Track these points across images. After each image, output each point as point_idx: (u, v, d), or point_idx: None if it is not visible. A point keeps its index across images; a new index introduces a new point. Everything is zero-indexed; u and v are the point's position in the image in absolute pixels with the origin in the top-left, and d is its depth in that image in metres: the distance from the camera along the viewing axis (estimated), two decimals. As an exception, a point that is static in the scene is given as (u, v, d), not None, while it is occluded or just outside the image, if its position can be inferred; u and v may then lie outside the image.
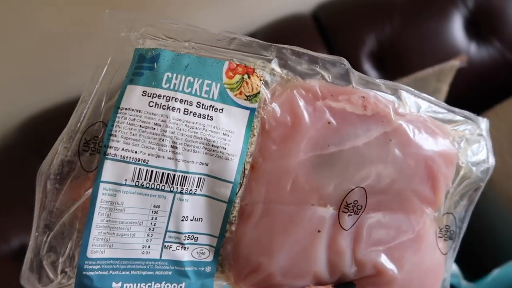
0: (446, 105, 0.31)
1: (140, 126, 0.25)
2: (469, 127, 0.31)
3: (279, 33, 0.73)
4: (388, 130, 0.28)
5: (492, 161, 0.31)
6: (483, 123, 0.32)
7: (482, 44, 0.71)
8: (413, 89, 0.30)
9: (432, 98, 0.31)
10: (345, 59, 0.29)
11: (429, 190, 0.29)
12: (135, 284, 0.26)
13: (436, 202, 0.30)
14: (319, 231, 0.28)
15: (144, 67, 0.26)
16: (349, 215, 0.28)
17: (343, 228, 0.28)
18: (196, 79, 0.26)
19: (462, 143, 0.31)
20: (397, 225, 0.29)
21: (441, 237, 0.30)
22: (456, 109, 0.31)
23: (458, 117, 0.31)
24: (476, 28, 0.72)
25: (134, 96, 0.26)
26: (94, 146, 0.25)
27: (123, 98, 0.26)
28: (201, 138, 0.26)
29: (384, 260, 0.28)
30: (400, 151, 0.28)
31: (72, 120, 0.26)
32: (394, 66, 0.71)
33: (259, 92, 0.27)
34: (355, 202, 0.28)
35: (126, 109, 0.26)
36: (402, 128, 0.29)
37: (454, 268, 0.54)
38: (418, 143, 0.29)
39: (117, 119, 0.25)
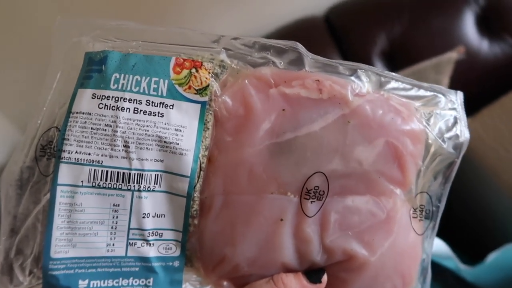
0: (413, 81, 0.30)
1: (92, 128, 0.26)
2: (439, 102, 0.30)
3: (291, 36, 0.73)
4: (346, 112, 0.28)
5: (466, 135, 0.30)
6: (455, 96, 0.30)
7: (494, 40, 0.68)
8: (375, 68, 0.29)
9: (398, 75, 0.30)
10: (299, 44, 0.28)
11: (397, 170, 0.28)
12: (102, 281, 0.27)
13: (405, 182, 0.28)
14: (281, 220, 0.27)
15: (93, 70, 0.27)
16: (311, 201, 0.27)
17: (306, 215, 0.27)
18: (144, 77, 0.27)
19: (432, 119, 0.29)
20: (365, 208, 0.28)
21: (415, 218, 0.29)
22: (425, 84, 0.30)
23: (428, 93, 0.30)
24: (488, 24, 0.69)
25: (84, 100, 0.26)
26: (50, 151, 0.26)
27: (74, 102, 0.27)
28: (153, 136, 0.27)
29: (354, 244, 0.28)
30: (360, 133, 0.27)
31: (29, 128, 0.27)
32: (406, 64, 0.69)
33: (208, 85, 0.27)
34: (316, 188, 0.27)
35: (77, 112, 0.26)
36: (361, 109, 0.28)
37: (449, 252, 0.52)
38: (380, 123, 0.28)
39: (69, 123, 0.26)
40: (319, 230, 0.28)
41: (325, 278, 0.28)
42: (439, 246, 0.50)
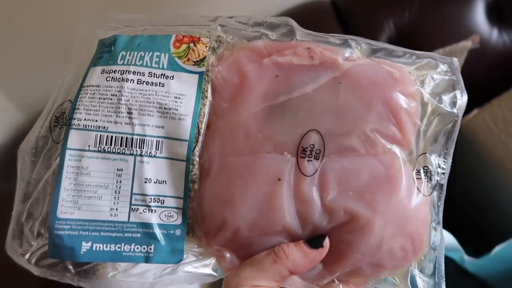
0: (406, 49, 0.30)
1: (99, 98, 0.29)
2: (433, 67, 0.30)
3: (298, 18, 0.73)
4: (337, 75, 0.28)
5: (464, 97, 0.29)
6: (451, 61, 0.30)
7: (504, 29, 0.68)
8: (367, 39, 0.30)
9: (389, 44, 0.31)
10: (291, 19, 0.30)
11: (393, 128, 0.28)
12: (104, 245, 0.28)
13: (404, 141, 0.28)
14: (279, 179, 0.27)
15: (104, 51, 0.30)
16: (308, 160, 0.28)
17: (304, 174, 0.27)
18: (147, 53, 0.29)
19: (426, 81, 0.29)
20: (365, 167, 0.28)
21: (420, 179, 0.28)
22: (418, 52, 0.30)
23: (423, 60, 0.30)
24: (499, 13, 0.69)
25: (95, 75, 0.29)
26: (62, 120, 0.29)
27: (86, 78, 0.29)
28: (154, 103, 0.28)
29: (355, 204, 0.27)
30: (352, 92, 0.28)
31: (48, 104, 0.29)
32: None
33: (205, 57, 0.30)
34: (312, 146, 0.27)
35: (87, 86, 0.29)
36: (353, 70, 0.29)
37: (455, 243, 0.49)
38: (372, 82, 0.28)
39: (80, 95, 0.29)
40: (319, 190, 0.27)
41: (327, 242, 0.27)
42: (446, 238, 0.47)
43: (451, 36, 0.60)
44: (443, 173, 0.29)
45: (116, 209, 0.28)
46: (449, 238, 0.47)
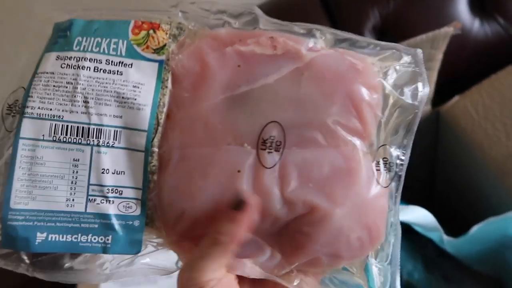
0: (371, 40, 0.30)
1: (54, 86, 0.28)
2: (397, 58, 0.30)
3: (284, 6, 0.72)
4: (300, 65, 0.28)
5: (426, 89, 0.29)
6: (415, 53, 0.30)
7: (486, 20, 0.69)
8: (331, 28, 0.30)
9: (353, 34, 0.30)
10: (257, 8, 0.30)
11: (355, 120, 0.28)
12: (60, 235, 0.27)
13: (365, 133, 0.28)
14: (239, 171, 0.27)
15: (59, 36, 0.29)
16: (268, 152, 0.27)
17: (264, 166, 0.27)
18: (104, 39, 0.28)
19: (390, 72, 0.29)
20: (326, 159, 0.28)
21: (379, 170, 0.28)
22: (382, 43, 0.30)
23: (385, 50, 0.30)
24: (481, 4, 0.70)
25: (49, 61, 0.28)
26: (15, 108, 0.28)
27: (40, 65, 0.28)
28: (112, 92, 0.28)
29: (314, 196, 0.27)
30: (314, 83, 0.28)
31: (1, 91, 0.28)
32: (398, 41, 0.70)
33: (165, 45, 0.29)
34: (272, 137, 0.27)
35: (41, 73, 0.28)
36: (315, 61, 0.28)
37: (435, 223, 0.51)
38: (334, 74, 0.28)
39: (33, 83, 0.28)
40: (279, 182, 0.27)
41: (248, 200, 0.27)
42: (425, 217, 0.49)
43: (434, 25, 0.62)
44: (402, 164, 0.29)
45: (73, 200, 0.28)
46: (429, 218, 0.48)
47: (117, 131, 0.28)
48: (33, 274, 0.27)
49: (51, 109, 0.27)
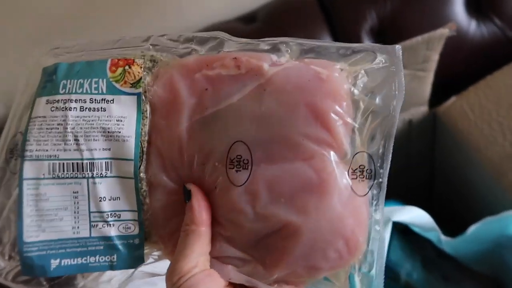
0: (342, 44, 0.30)
1: (47, 128, 0.31)
2: (370, 60, 0.30)
3: (281, 11, 0.73)
4: (262, 82, 0.29)
5: (401, 89, 0.29)
6: (392, 50, 0.30)
7: (482, 21, 0.69)
8: (298, 38, 0.31)
9: (322, 41, 0.30)
10: (221, 33, 0.31)
11: (321, 130, 0.28)
12: (72, 259, 0.31)
13: (335, 142, 0.28)
14: (215, 187, 0.30)
15: (47, 80, 0.32)
16: (236, 170, 0.29)
17: (234, 184, 0.29)
18: (86, 79, 0.31)
19: (360, 76, 0.29)
20: (295, 174, 0.28)
21: (355, 178, 0.28)
22: (355, 45, 0.30)
23: (360, 54, 0.30)
24: (477, 5, 0.70)
25: (40, 106, 0.31)
26: (16, 152, 0.31)
27: (33, 110, 0.31)
28: (98, 128, 0.31)
29: (286, 211, 0.28)
30: (276, 98, 0.29)
31: (2, 135, 0.32)
32: (395, 42, 0.70)
33: (141, 78, 0.31)
34: (239, 156, 0.29)
35: (35, 117, 0.31)
36: (277, 76, 0.29)
37: (433, 223, 0.50)
38: (296, 86, 0.29)
39: (29, 127, 0.31)
40: (250, 199, 0.28)
41: (190, 187, 0.29)
42: (422, 217, 0.48)
43: (431, 26, 0.62)
44: (382, 171, 0.29)
45: (78, 227, 0.31)
46: (426, 218, 0.47)
47: (108, 162, 0.31)
48: (52, 295, 0.31)
49: (47, 150, 0.31)
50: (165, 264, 0.31)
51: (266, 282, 0.29)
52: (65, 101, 0.31)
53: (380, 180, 0.29)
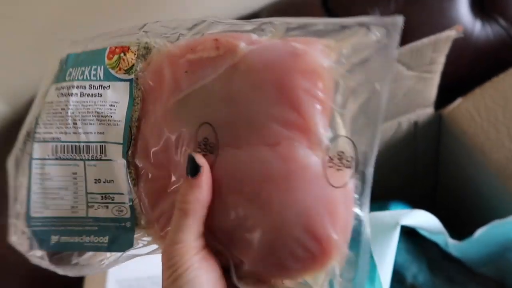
0: (330, 20, 0.27)
1: (53, 113, 0.33)
2: (364, 34, 0.26)
3: (284, 11, 0.71)
4: (235, 61, 0.27)
5: (392, 63, 0.25)
6: (391, 22, 0.26)
7: (487, 22, 0.65)
8: (287, 18, 0.29)
9: (312, 19, 0.28)
10: (209, 17, 0.31)
11: (291, 112, 0.25)
12: (70, 237, 0.33)
13: (307, 126, 0.25)
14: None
15: (60, 69, 0.35)
16: (204, 154, 0.27)
17: None
18: (87, 67, 0.33)
19: (345, 51, 0.26)
20: (259, 161, 0.25)
21: (331, 167, 0.25)
22: (345, 20, 0.27)
23: (350, 30, 0.27)
24: (481, 6, 0.65)
25: (51, 92, 0.34)
26: (31, 135, 0.34)
27: (47, 96, 0.34)
28: (93, 112, 0.32)
29: (248, 204, 0.26)
30: (245, 78, 0.27)
31: (25, 121, 0.35)
32: (400, 43, 0.63)
33: (133, 65, 0.32)
34: (205, 139, 0.27)
35: (47, 103, 0.34)
36: (249, 55, 0.27)
37: (440, 226, 0.44)
38: (266, 64, 0.26)
39: (41, 112, 0.34)
40: (215, 187, 0.27)
41: (203, 166, 0.26)
42: (430, 221, 0.43)
43: (436, 27, 0.57)
44: (366, 159, 0.25)
45: (76, 207, 0.33)
46: (433, 222, 0.43)
47: (102, 145, 0.32)
48: (52, 268, 0.33)
49: (51, 133, 0.33)
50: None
51: (239, 275, 0.28)
52: (68, 87, 0.33)
53: (363, 169, 0.25)
